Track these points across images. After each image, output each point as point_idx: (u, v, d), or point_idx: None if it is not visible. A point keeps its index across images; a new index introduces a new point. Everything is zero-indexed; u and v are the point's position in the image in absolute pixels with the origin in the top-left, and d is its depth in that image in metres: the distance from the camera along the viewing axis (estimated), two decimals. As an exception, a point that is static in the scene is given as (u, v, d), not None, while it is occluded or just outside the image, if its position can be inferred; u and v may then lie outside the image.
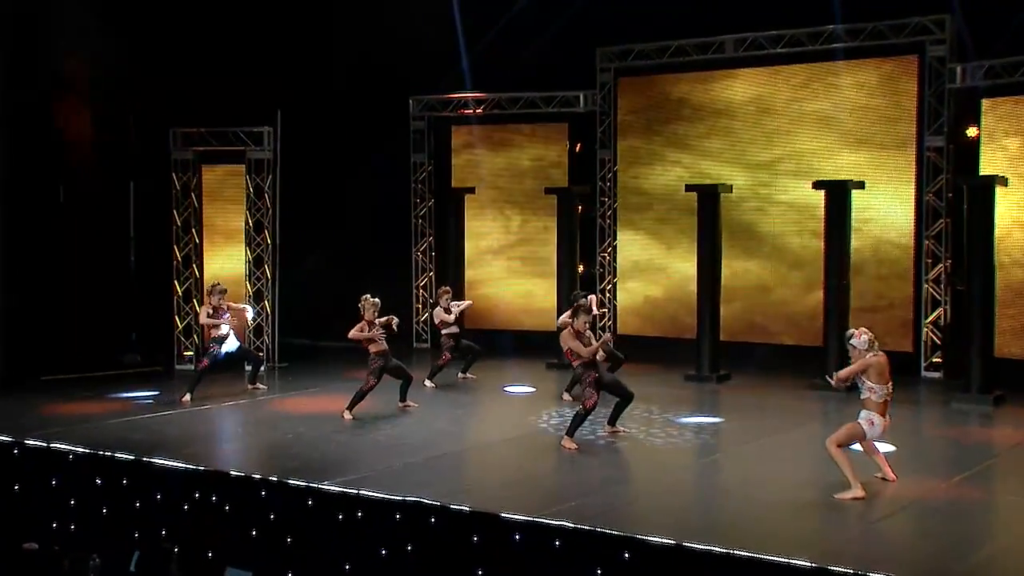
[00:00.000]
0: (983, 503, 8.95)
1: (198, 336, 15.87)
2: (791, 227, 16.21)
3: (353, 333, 12.33)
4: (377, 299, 12.47)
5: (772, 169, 16.37)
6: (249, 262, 16.49)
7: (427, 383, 14.32)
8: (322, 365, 16.22)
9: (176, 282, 16.33)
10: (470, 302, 15.65)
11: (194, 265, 16.41)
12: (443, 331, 14.70)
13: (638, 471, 10.17)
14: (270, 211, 16.54)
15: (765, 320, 16.37)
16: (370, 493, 8.88)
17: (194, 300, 16.20)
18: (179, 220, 16.39)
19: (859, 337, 8.95)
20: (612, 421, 11.43)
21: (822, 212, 14.57)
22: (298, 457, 10.33)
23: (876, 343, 9.01)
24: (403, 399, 12.81)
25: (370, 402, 12.44)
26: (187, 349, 16.15)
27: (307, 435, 11.39)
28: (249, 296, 16.40)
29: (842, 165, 15.65)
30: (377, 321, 12.39)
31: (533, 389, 14.25)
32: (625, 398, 11.25)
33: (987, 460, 10.38)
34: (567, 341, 10.84)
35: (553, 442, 10.89)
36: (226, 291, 13.75)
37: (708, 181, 15.98)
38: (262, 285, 16.55)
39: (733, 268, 16.18)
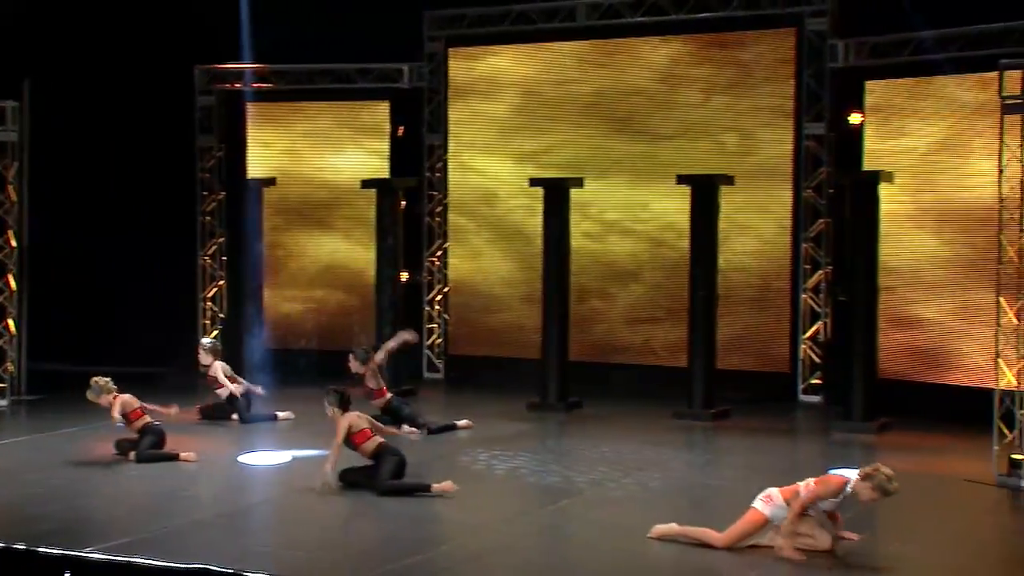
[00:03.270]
0: (867, 554, 9.37)
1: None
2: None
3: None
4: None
5: (620, 165, 16.78)
6: (-12, 271, 15.89)
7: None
8: (83, 398, 15.73)
9: None
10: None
11: (-87, 276, 15.72)
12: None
13: (475, 523, 10.25)
14: (16, 206, 16.00)
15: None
16: (145, 560, 8.69)
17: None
18: None
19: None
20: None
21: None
22: (52, 518, 10.00)
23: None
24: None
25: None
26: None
27: (64, 489, 11.06)
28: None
29: (707, 156, 16.18)
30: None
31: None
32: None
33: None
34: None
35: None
36: None
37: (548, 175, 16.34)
38: (5, 299, 15.97)
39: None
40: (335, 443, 10.91)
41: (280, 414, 14.52)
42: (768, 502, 9.04)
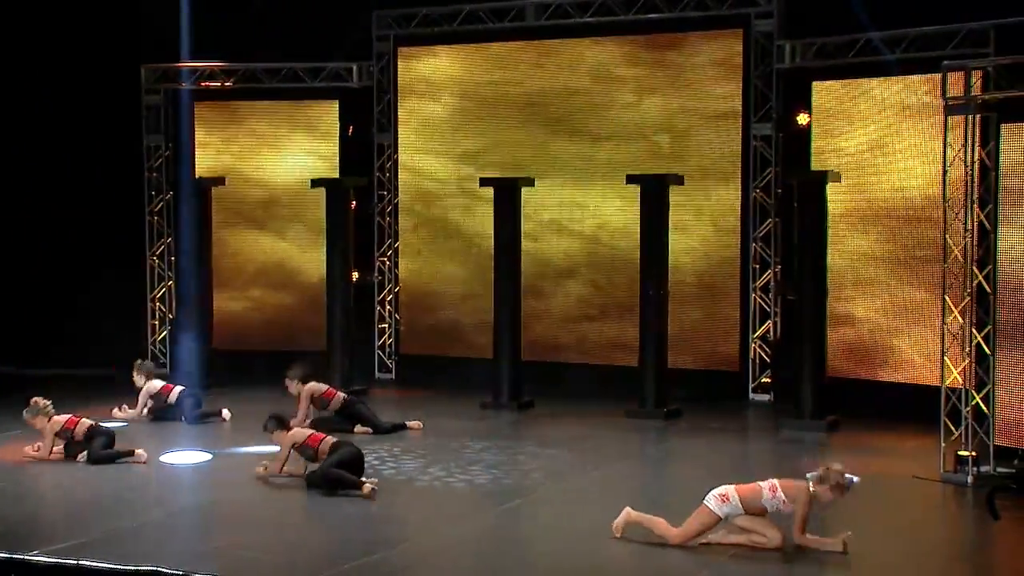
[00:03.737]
0: (816, 550, 9.46)
1: None
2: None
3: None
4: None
5: (569, 164, 16.84)
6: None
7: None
8: (28, 400, 15.57)
9: None
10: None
11: None
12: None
13: (428, 524, 10.26)
14: (-41, 206, 15.81)
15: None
16: (93, 563, 8.64)
17: None
18: None
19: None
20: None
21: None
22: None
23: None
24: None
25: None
26: None
27: (11, 491, 10.97)
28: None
29: (656, 156, 16.27)
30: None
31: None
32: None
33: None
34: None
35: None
36: None
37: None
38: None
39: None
40: (278, 462, 11.15)
41: (226, 413, 14.46)
42: (724, 501, 9.09)
